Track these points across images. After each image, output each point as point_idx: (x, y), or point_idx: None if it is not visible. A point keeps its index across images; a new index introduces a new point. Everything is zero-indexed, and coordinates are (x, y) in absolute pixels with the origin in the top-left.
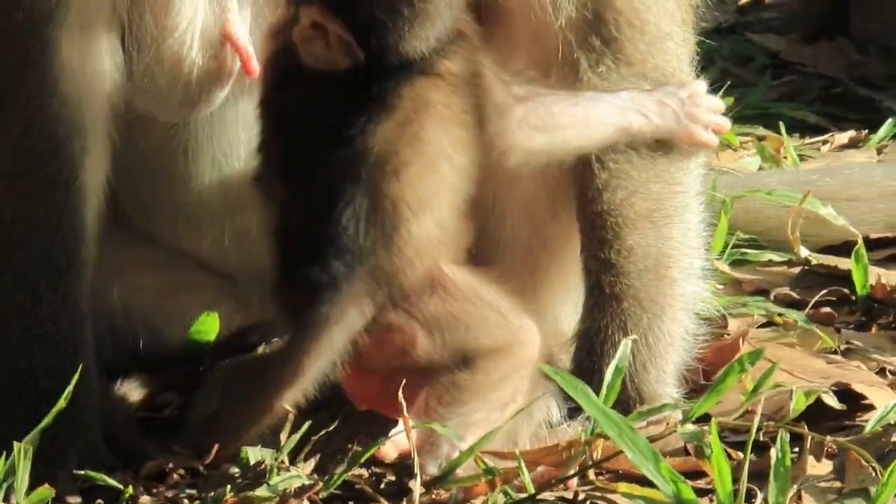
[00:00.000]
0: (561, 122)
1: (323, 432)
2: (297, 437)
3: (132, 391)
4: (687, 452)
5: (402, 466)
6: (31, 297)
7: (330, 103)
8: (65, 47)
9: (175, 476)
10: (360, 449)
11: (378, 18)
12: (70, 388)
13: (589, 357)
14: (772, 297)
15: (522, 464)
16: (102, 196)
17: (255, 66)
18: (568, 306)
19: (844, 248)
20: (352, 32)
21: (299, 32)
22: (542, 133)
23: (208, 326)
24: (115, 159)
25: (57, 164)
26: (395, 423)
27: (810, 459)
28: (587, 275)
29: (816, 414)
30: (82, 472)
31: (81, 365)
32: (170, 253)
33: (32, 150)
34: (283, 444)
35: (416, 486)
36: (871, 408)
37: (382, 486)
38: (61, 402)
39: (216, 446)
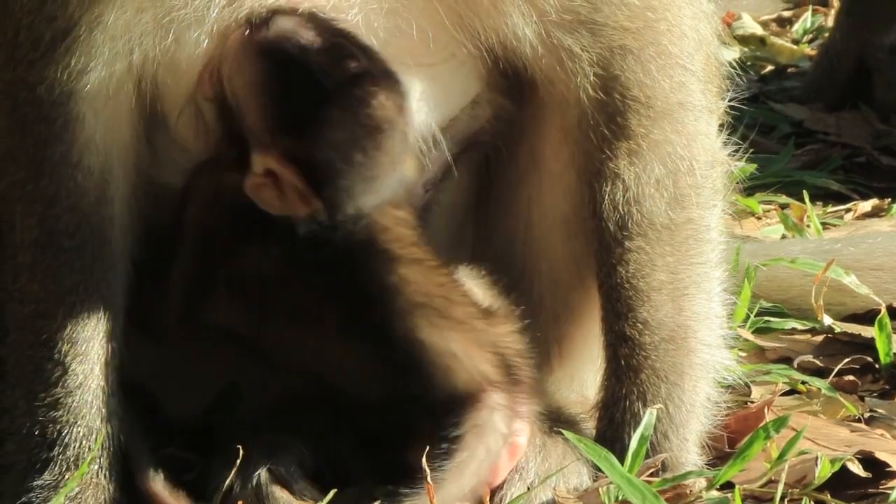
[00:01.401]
0: None
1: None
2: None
3: (156, 455)
4: None
5: None
6: (60, 369)
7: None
8: (89, 121)
9: None
10: None
11: (335, 167)
12: (94, 454)
13: (610, 426)
14: (795, 365)
15: None
16: (130, 266)
17: None
18: (593, 373)
19: (868, 317)
20: (306, 180)
21: (252, 179)
22: None
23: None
24: (142, 226)
25: (83, 236)
26: None
27: None
28: (606, 346)
29: (840, 482)
30: None
31: (107, 432)
32: None
33: (58, 222)
34: None
35: None
36: (894, 475)
37: None
38: (84, 467)
39: None
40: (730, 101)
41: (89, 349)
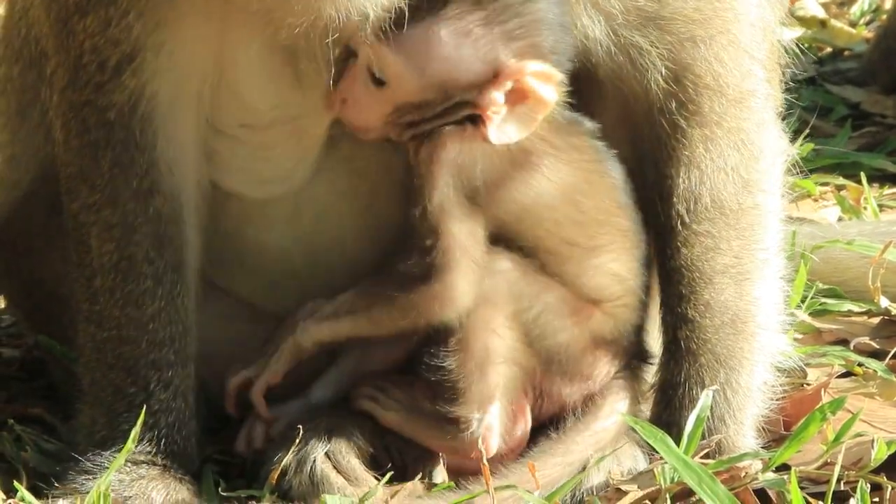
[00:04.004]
0: None
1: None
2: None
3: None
4: (766, 502)
5: None
6: (144, 394)
7: None
8: (161, 145)
9: None
10: None
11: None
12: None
13: (667, 410)
14: (851, 347)
15: None
16: (201, 284)
17: None
18: None
19: None
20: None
21: (494, 111)
22: None
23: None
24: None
25: (163, 262)
26: None
27: None
28: (664, 329)
29: None
30: None
31: (190, 453)
32: (248, 307)
33: (139, 249)
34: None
35: None
36: None
37: None
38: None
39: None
40: (787, 83)
41: (173, 375)
